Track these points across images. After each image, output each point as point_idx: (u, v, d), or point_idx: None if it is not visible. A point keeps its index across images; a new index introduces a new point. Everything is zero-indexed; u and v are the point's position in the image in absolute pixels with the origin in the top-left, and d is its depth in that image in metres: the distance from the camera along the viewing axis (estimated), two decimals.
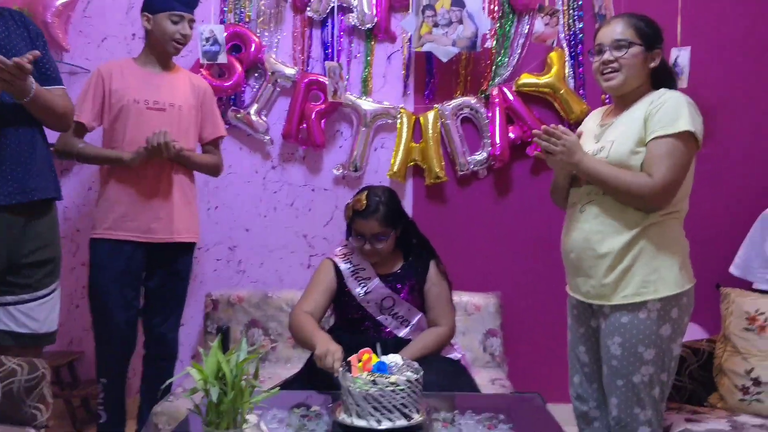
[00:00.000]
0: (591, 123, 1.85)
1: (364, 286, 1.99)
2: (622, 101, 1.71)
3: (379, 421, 1.46)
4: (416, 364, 1.58)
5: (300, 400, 1.70)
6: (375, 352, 1.61)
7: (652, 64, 1.69)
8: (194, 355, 2.88)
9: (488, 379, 2.36)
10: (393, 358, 1.60)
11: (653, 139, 1.60)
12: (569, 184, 1.80)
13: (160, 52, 2.31)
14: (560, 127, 1.69)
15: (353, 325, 2.01)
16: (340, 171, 2.86)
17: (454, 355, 2.04)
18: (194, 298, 2.85)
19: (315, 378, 1.86)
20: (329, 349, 1.72)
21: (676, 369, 1.71)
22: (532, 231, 2.83)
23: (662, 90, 1.68)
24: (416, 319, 2.01)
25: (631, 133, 1.63)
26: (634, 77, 1.67)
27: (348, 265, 2.02)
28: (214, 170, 2.47)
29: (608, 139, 1.68)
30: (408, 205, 2.85)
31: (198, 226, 2.45)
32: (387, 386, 1.46)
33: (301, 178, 2.90)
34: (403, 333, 2.00)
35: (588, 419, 1.83)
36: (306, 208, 2.90)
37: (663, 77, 1.72)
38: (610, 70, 1.68)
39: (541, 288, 2.82)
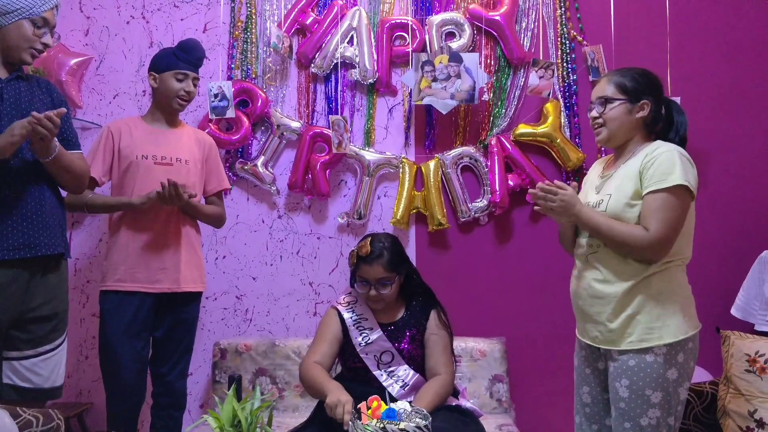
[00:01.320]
0: (593, 174, 1.91)
1: (365, 337, 2.01)
2: (620, 151, 1.79)
3: None
4: (425, 411, 1.61)
5: None
6: (384, 399, 1.64)
7: (639, 115, 1.75)
8: (203, 405, 2.88)
9: (495, 425, 2.35)
10: (402, 405, 1.63)
11: (648, 193, 1.65)
12: (574, 232, 1.87)
13: (165, 108, 2.41)
14: (556, 182, 1.75)
15: (358, 375, 2.03)
16: (345, 219, 2.93)
17: (468, 405, 2.05)
18: (202, 347, 2.87)
19: (323, 425, 1.88)
20: (340, 400, 1.75)
21: (682, 413, 1.72)
22: (534, 276, 2.88)
23: (657, 143, 1.73)
24: (412, 381, 2.00)
25: (627, 186, 1.69)
26: (620, 130, 1.75)
27: (351, 314, 2.05)
28: (218, 221, 2.54)
29: (606, 192, 1.75)
30: (411, 252, 2.90)
31: (204, 276, 2.50)
32: None
33: (306, 227, 2.96)
34: (396, 392, 1.96)
35: None
36: (312, 256, 2.96)
37: (656, 126, 1.77)
38: (597, 125, 1.79)
39: (545, 332, 2.85)
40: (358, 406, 1.63)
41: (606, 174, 1.81)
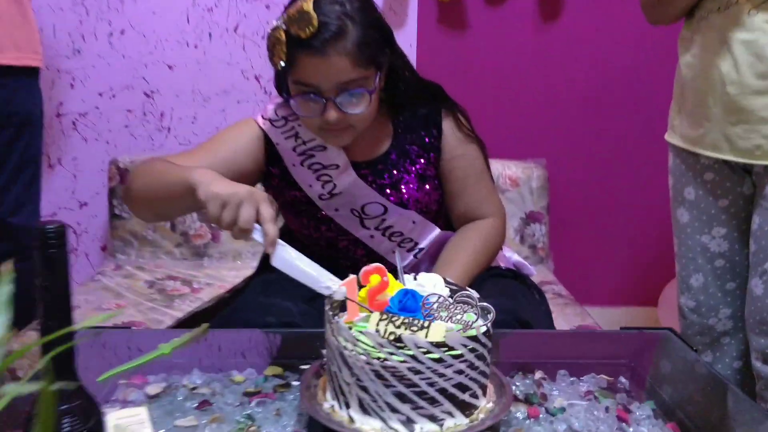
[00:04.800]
0: None
1: (329, 184, 1.15)
2: None
3: (409, 423, 0.69)
4: (476, 295, 0.79)
5: (248, 351, 0.95)
6: (393, 272, 0.81)
7: None
8: (104, 247, 2.22)
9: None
10: (430, 280, 0.82)
11: None
12: None
13: None
14: None
15: (320, 247, 1.21)
16: None
17: (514, 259, 1.28)
18: (97, 166, 2.18)
19: (275, 284, 1.09)
20: (247, 190, 0.90)
21: None
22: (595, 71, 2.16)
23: None
24: (430, 237, 1.19)
25: None
26: None
27: (291, 142, 1.14)
28: None
29: None
30: (411, 31, 2.12)
31: (37, 40, 1.65)
32: (426, 351, 0.68)
33: None
34: (405, 265, 1.18)
35: (714, 335, 1.41)
36: (257, 35, 2.12)
37: None
38: None
39: (601, 155, 2.21)
40: (341, 284, 0.80)
41: None
